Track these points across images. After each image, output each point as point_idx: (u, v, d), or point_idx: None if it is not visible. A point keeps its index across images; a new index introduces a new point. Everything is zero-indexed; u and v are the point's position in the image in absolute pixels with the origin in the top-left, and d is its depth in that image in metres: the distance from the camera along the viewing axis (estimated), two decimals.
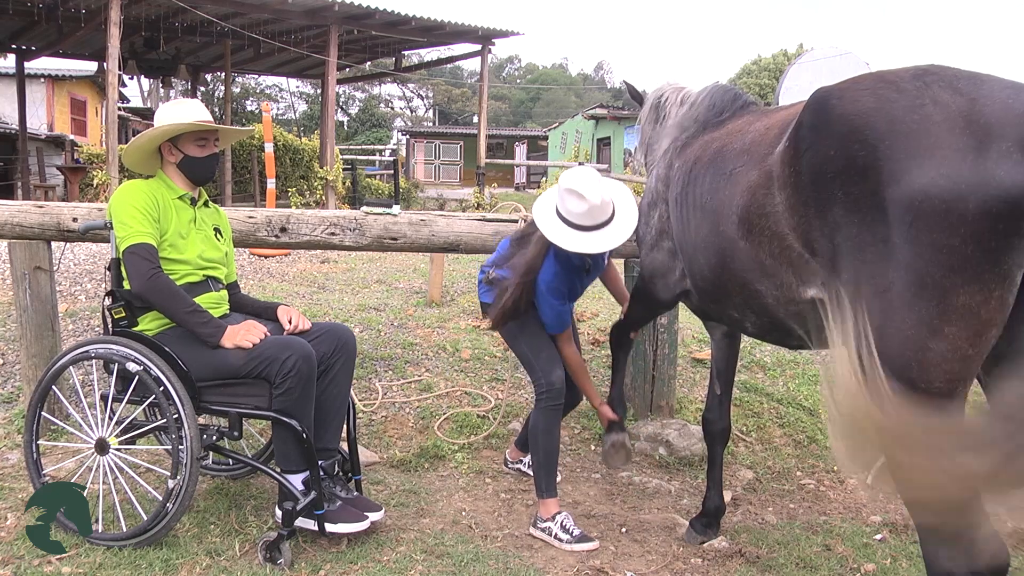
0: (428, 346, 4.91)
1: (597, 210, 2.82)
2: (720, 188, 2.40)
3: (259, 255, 7.46)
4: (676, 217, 2.75)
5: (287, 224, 3.80)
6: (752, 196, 2.21)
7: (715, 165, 2.49)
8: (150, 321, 2.84)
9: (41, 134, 17.85)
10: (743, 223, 2.26)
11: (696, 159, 2.68)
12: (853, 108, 1.85)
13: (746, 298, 2.41)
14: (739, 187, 2.29)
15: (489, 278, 3.23)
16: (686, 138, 2.92)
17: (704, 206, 2.49)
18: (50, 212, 3.67)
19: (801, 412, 4.49)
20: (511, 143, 34.92)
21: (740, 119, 2.71)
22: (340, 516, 2.79)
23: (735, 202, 2.29)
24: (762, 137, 2.29)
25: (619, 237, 2.87)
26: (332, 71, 13.39)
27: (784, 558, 2.93)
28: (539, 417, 3.11)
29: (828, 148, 1.88)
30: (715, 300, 2.64)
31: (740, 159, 2.33)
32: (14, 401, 3.99)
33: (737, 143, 2.42)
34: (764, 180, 2.16)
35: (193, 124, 2.90)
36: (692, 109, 3.01)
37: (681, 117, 3.06)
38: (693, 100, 3.06)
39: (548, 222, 2.91)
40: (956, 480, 1.67)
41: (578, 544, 2.95)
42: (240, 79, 36.01)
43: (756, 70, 28.35)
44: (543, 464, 3.08)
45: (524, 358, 3.19)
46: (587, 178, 2.85)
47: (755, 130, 2.38)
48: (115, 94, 10.95)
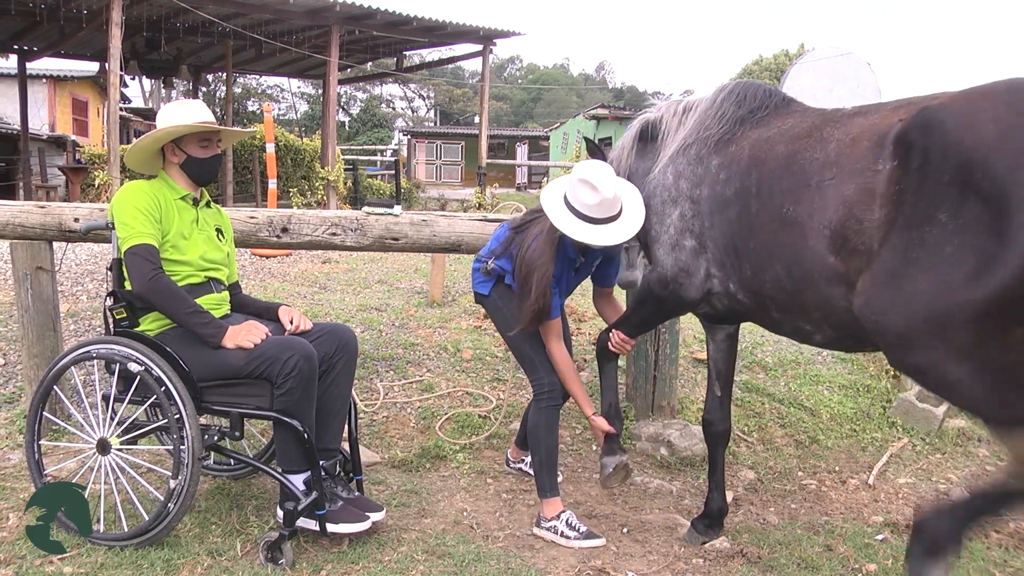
0: (429, 346, 4.91)
1: (608, 204, 2.82)
2: (804, 200, 2.33)
3: (260, 255, 7.47)
4: (725, 219, 2.63)
5: (288, 224, 3.80)
6: (849, 211, 2.18)
7: (792, 174, 2.40)
8: (151, 321, 2.84)
9: (43, 134, 17.88)
10: (836, 237, 2.22)
11: (754, 161, 2.57)
12: (972, 139, 1.89)
13: (826, 313, 2.37)
14: (830, 200, 2.24)
15: (487, 268, 3.18)
16: (718, 135, 2.78)
17: (783, 216, 2.40)
18: (52, 212, 3.67)
19: (803, 412, 4.49)
20: (512, 143, 34.91)
21: (788, 118, 2.63)
22: (341, 516, 2.79)
23: (827, 216, 2.25)
24: (850, 149, 2.25)
25: (625, 233, 2.86)
26: (333, 71, 13.40)
27: (785, 558, 2.93)
28: (539, 417, 3.09)
29: (942, 173, 1.92)
30: (785, 311, 2.54)
31: (827, 171, 2.28)
32: (16, 401, 3.99)
33: (816, 153, 2.36)
34: (863, 196, 2.15)
35: (197, 125, 2.90)
36: (714, 107, 2.88)
37: (700, 116, 2.91)
38: (712, 99, 2.92)
39: (557, 210, 2.89)
40: None
41: (585, 541, 2.95)
42: (241, 79, 36.04)
43: (757, 70, 28.34)
44: (544, 463, 3.07)
45: (525, 357, 3.16)
46: (601, 171, 2.85)
47: (837, 140, 2.32)
48: (116, 94, 10.96)
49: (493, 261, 3.17)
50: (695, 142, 2.87)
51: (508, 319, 3.14)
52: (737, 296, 2.71)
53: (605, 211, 2.83)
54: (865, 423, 4.48)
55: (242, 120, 33.95)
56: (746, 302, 2.69)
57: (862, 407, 4.64)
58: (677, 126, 3.05)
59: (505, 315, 3.17)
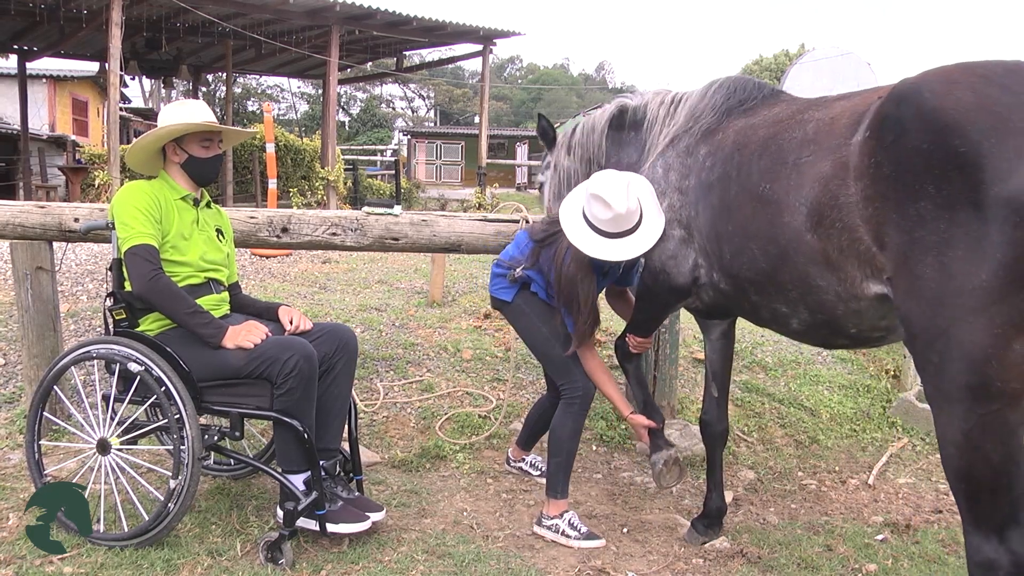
0: (429, 346, 4.91)
1: (622, 219, 2.76)
2: (781, 177, 2.34)
3: (260, 255, 7.47)
4: (708, 205, 2.64)
5: (288, 224, 3.80)
6: (824, 187, 2.17)
7: (770, 154, 2.41)
8: (151, 321, 2.84)
9: (43, 134, 17.88)
10: (812, 214, 2.20)
11: (736, 146, 2.58)
12: (951, 103, 1.84)
13: (803, 293, 2.35)
14: (807, 177, 2.24)
15: (515, 277, 3.14)
16: (706, 126, 2.81)
17: (760, 195, 2.40)
18: (52, 212, 3.67)
19: (802, 412, 4.49)
20: (512, 143, 34.89)
21: (775, 107, 2.65)
22: (341, 516, 2.79)
23: (803, 193, 2.24)
24: (829, 127, 2.24)
25: (641, 246, 2.81)
26: (333, 71, 13.41)
27: (785, 558, 2.93)
28: (567, 420, 3.04)
29: (920, 142, 1.87)
30: (763, 293, 2.52)
31: (805, 149, 2.28)
32: (16, 401, 3.99)
33: (795, 132, 2.36)
34: (838, 171, 2.13)
35: (199, 124, 2.90)
36: (704, 100, 2.89)
37: (690, 108, 2.91)
38: (703, 92, 2.92)
39: (574, 225, 2.87)
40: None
41: (586, 541, 2.96)
42: (241, 79, 36.03)
43: (757, 70, 28.36)
44: (563, 466, 3.05)
45: (558, 362, 3.10)
46: (614, 185, 2.77)
47: (816, 119, 2.32)
48: (116, 94, 10.97)
49: (521, 270, 3.12)
50: (684, 134, 2.86)
51: (536, 325, 3.11)
52: (720, 285, 2.70)
53: (619, 225, 2.78)
54: (865, 423, 4.48)
55: (242, 120, 33.94)
56: (727, 289, 2.67)
57: (862, 407, 4.64)
58: (665, 117, 3.02)
59: (533, 321, 3.13)
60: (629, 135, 3.19)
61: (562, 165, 3.46)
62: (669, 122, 2.99)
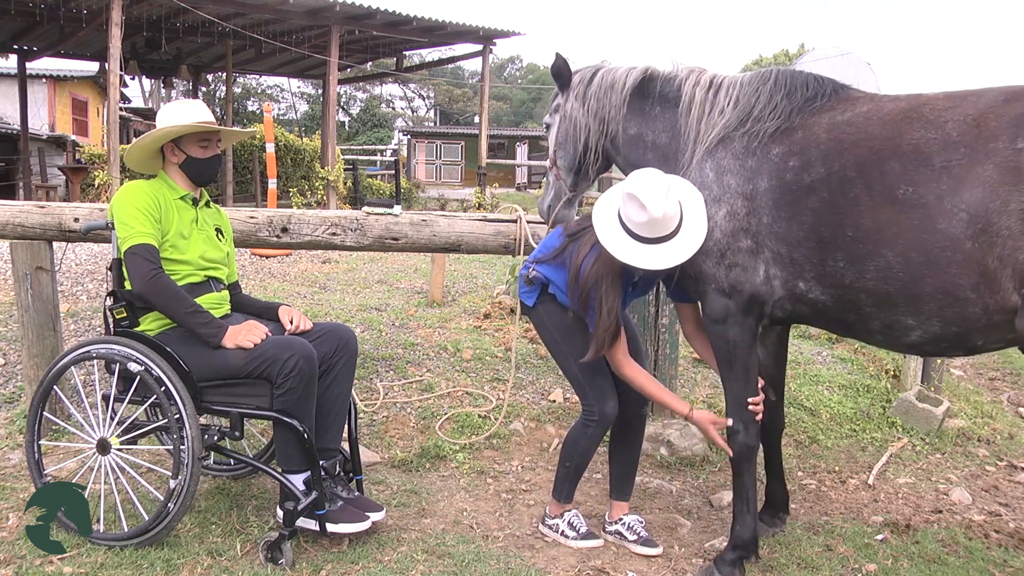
0: (429, 346, 4.91)
1: (658, 223, 2.49)
2: (926, 182, 2.19)
3: (260, 255, 7.47)
4: (801, 210, 2.42)
5: (288, 224, 3.80)
6: (993, 192, 2.07)
7: (903, 157, 2.24)
8: (151, 321, 2.84)
9: (43, 134, 17.89)
10: (976, 220, 2.10)
11: (839, 144, 2.38)
12: None
13: (944, 304, 2.20)
14: (966, 183, 2.12)
15: (530, 276, 2.91)
16: (773, 127, 2.54)
17: (899, 199, 2.23)
18: (52, 212, 3.67)
19: (802, 412, 4.49)
20: (512, 143, 34.88)
21: (861, 103, 2.47)
22: (341, 516, 2.79)
23: (963, 198, 2.12)
24: (976, 130, 2.16)
25: (676, 257, 2.54)
26: (333, 71, 13.42)
27: (785, 558, 2.93)
28: (582, 436, 2.94)
29: None
30: (885, 304, 2.31)
31: (954, 152, 2.17)
32: (16, 401, 3.99)
33: (931, 133, 2.23)
34: (1007, 176, 2.06)
35: (196, 125, 2.90)
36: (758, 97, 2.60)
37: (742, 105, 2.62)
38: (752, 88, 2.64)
39: (606, 224, 2.60)
40: None
41: (583, 541, 2.96)
42: (241, 79, 36.01)
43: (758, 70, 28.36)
44: (571, 475, 3.02)
45: (574, 380, 2.95)
46: (652, 185, 2.49)
47: (953, 120, 2.21)
48: (116, 94, 10.97)
49: (535, 267, 2.90)
50: (742, 134, 2.59)
51: (555, 340, 2.93)
52: (809, 296, 2.47)
53: (656, 231, 2.51)
54: (865, 423, 4.48)
55: (242, 120, 33.96)
56: (822, 301, 2.45)
57: (862, 407, 4.64)
58: (705, 104, 2.70)
59: (552, 335, 2.94)
60: (655, 109, 2.86)
61: (572, 115, 3.03)
62: (713, 113, 2.68)
